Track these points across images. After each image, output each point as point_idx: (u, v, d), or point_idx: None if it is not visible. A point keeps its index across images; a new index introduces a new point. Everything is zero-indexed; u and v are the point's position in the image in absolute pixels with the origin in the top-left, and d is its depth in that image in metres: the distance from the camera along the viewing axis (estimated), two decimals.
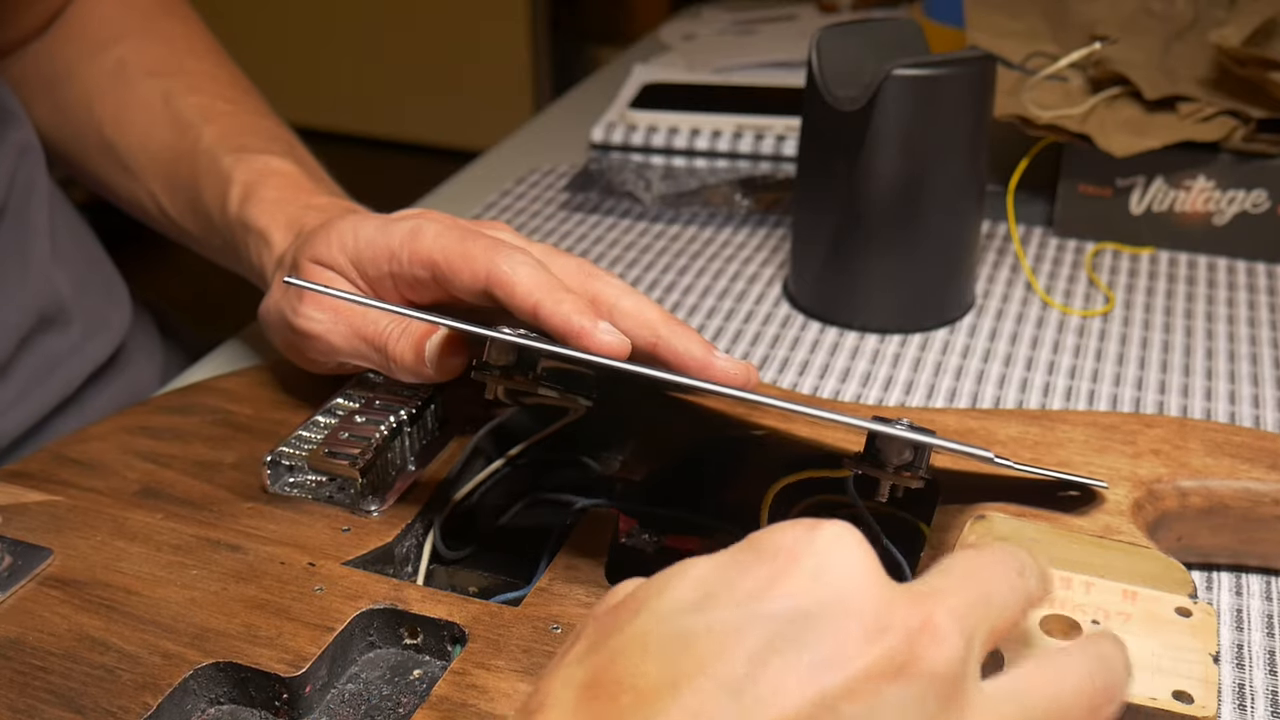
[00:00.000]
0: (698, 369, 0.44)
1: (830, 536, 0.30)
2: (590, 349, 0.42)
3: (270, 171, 0.55)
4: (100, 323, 0.64)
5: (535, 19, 2.71)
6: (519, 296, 0.43)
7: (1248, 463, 0.47)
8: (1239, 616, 0.46)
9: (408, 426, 0.48)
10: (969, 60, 0.61)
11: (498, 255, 0.44)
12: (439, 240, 0.45)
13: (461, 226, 0.46)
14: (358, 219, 0.48)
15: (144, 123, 0.61)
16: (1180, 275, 0.70)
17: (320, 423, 0.48)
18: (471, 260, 0.44)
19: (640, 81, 0.93)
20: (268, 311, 0.51)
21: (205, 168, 0.57)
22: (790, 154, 0.81)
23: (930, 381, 0.61)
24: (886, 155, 0.61)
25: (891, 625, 0.29)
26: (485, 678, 0.38)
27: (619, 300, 0.45)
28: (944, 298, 0.65)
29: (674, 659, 0.28)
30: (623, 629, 0.29)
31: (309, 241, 0.49)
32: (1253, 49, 0.70)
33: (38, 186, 0.61)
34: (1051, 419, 0.50)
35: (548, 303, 0.42)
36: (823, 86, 0.61)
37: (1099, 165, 0.71)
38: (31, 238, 0.60)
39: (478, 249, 0.44)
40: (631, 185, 0.78)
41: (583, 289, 0.46)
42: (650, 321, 0.45)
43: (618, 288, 0.46)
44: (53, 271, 0.61)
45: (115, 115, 0.61)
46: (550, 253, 0.47)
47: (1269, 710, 0.41)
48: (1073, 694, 0.32)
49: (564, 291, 0.43)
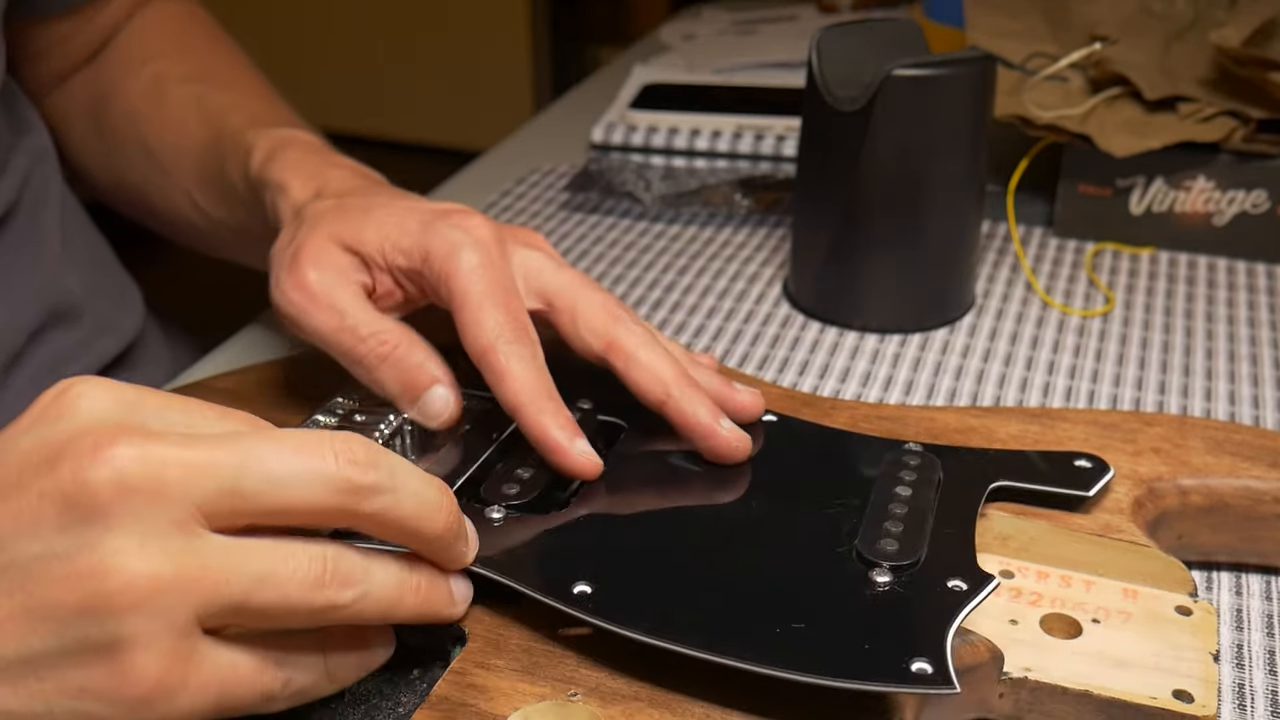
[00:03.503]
0: (702, 435, 0.45)
1: (77, 380, 0.33)
2: (562, 465, 0.44)
3: (291, 139, 0.56)
4: (110, 323, 0.65)
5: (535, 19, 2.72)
6: (506, 394, 0.44)
7: (1248, 461, 0.47)
8: (1239, 616, 0.46)
9: (408, 425, 0.48)
10: (969, 60, 0.61)
11: (500, 339, 0.45)
12: (465, 280, 0.46)
13: (493, 268, 0.46)
14: (403, 212, 0.48)
15: (179, 125, 0.63)
16: (1180, 275, 0.70)
17: (320, 422, 0.48)
18: (479, 330, 0.45)
19: (640, 82, 0.93)
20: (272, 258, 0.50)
21: (230, 148, 0.58)
22: (790, 154, 0.81)
23: (930, 381, 0.61)
24: (886, 155, 0.61)
25: (75, 451, 0.31)
26: (485, 678, 0.38)
27: (636, 351, 0.46)
28: (944, 297, 0.65)
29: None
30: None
31: (342, 218, 0.48)
32: (1253, 49, 0.70)
33: (50, 189, 0.63)
34: (1052, 417, 0.50)
35: (530, 410, 0.44)
36: (823, 86, 0.61)
37: (1099, 165, 0.71)
38: (44, 236, 0.62)
39: (490, 320, 0.45)
40: (631, 185, 0.78)
41: (604, 332, 0.46)
42: (664, 378, 0.46)
43: (638, 337, 0.46)
44: (64, 271, 0.62)
45: (154, 123, 0.64)
46: (581, 286, 0.48)
47: (1269, 710, 0.41)
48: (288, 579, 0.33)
49: (547, 400, 0.44)
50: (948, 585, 0.39)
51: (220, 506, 0.32)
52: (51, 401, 0.33)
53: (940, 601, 0.39)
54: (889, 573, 0.40)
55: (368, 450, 0.34)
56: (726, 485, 0.46)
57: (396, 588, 0.36)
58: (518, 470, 0.45)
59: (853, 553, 0.41)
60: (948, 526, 0.42)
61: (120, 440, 0.31)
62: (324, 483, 0.33)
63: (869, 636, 0.37)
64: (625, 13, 2.66)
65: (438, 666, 0.41)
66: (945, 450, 0.47)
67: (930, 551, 0.41)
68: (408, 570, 0.37)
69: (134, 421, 0.33)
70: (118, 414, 0.33)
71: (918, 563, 0.40)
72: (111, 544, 0.31)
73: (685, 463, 0.47)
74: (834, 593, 0.39)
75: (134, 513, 0.31)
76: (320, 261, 0.47)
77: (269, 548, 0.33)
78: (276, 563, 0.33)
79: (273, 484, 0.33)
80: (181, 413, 0.34)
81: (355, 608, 0.35)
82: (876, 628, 0.38)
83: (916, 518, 0.42)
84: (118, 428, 0.32)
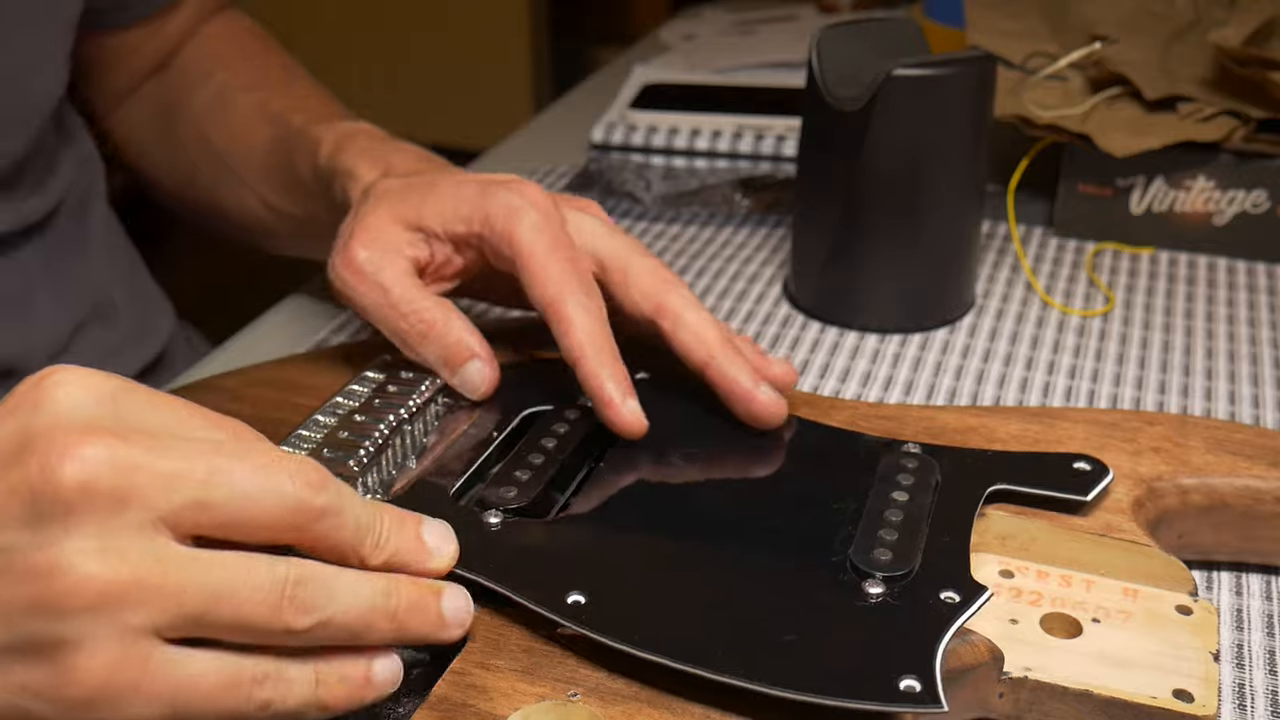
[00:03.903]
0: (741, 398, 0.47)
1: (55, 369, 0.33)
2: (611, 420, 0.46)
3: (356, 130, 0.59)
4: (146, 328, 0.69)
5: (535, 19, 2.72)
6: (570, 342, 0.47)
7: (1249, 460, 0.47)
8: (1239, 616, 0.46)
9: (409, 424, 0.48)
10: (969, 60, 0.61)
11: (566, 289, 0.47)
12: (529, 237, 0.48)
13: (553, 227, 0.48)
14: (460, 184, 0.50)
15: (245, 130, 0.66)
16: (1180, 275, 0.70)
17: (321, 421, 0.48)
18: (545, 281, 0.47)
19: (640, 82, 0.93)
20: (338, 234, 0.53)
21: (296, 143, 0.61)
22: (790, 154, 0.81)
23: (930, 381, 0.61)
24: (886, 155, 0.61)
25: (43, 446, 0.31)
26: (485, 678, 0.38)
27: (683, 313, 0.48)
28: (944, 297, 0.65)
29: None
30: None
31: (404, 195, 0.51)
32: (1253, 49, 0.70)
33: (93, 196, 0.67)
34: (1052, 416, 0.50)
35: (591, 361, 0.46)
36: (823, 86, 0.61)
37: (1099, 165, 0.71)
38: (88, 237, 0.65)
39: (555, 271, 0.47)
40: (631, 185, 0.78)
41: (654, 294, 0.49)
42: (707, 340, 0.48)
43: (685, 300, 0.49)
44: (105, 273, 0.66)
45: (222, 130, 0.67)
46: (634, 251, 0.50)
47: (1269, 710, 0.41)
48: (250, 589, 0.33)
49: (609, 355, 0.47)
50: (940, 597, 0.39)
51: (185, 517, 0.32)
52: (30, 389, 0.33)
53: (932, 615, 0.39)
54: (882, 584, 0.40)
55: (321, 474, 0.34)
56: (725, 490, 0.46)
57: (366, 612, 0.35)
58: (515, 473, 0.45)
59: (847, 562, 0.41)
60: (943, 534, 0.42)
61: (91, 440, 0.31)
62: (281, 502, 0.33)
63: (859, 651, 0.37)
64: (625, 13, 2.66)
65: (438, 667, 0.41)
66: (944, 451, 0.47)
67: (924, 560, 0.41)
68: (383, 594, 0.36)
69: (108, 420, 0.32)
70: (93, 410, 0.32)
71: (911, 573, 0.40)
72: (71, 544, 0.31)
73: (685, 464, 0.47)
74: (826, 605, 0.39)
75: (97, 515, 0.31)
76: (372, 240, 0.50)
77: (231, 562, 0.33)
78: (237, 579, 0.32)
79: (237, 498, 0.33)
80: (167, 412, 0.34)
81: (316, 633, 0.34)
82: (867, 642, 0.38)
83: (911, 525, 0.42)
84: (90, 426, 0.32)
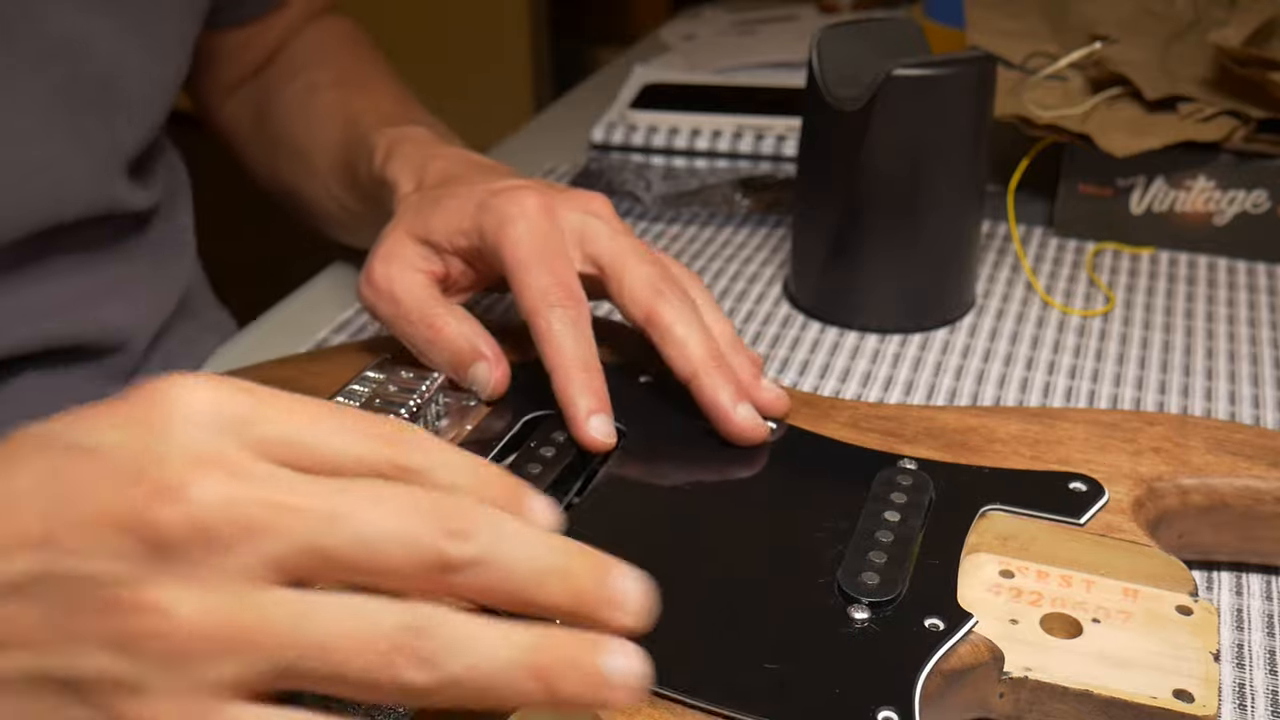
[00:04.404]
0: (719, 416, 0.48)
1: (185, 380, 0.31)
2: (575, 435, 0.47)
3: (406, 135, 0.61)
4: (213, 323, 0.73)
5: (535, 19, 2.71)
6: (546, 354, 0.48)
7: (1249, 460, 0.47)
8: (1239, 616, 0.46)
9: None
10: (969, 60, 0.61)
11: (544, 302, 0.48)
12: (514, 248, 0.49)
13: (540, 236, 0.49)
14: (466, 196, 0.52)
15: (323, 127, 0.69)
16: (1180, 275, 0.70)
17: None
18: (527, 293, 0.48)
19: (640, 82, 0.93)
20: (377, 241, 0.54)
21: (359, 149, 0.63)
22: (790, 154, 0.81)
23: (930, 381, 0.61)
24: (886, 155, 0.61)
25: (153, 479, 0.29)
26: None
27: (672, 327, 0.48)
28: (944, 297, 0.65)
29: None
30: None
31: (417, 211, 0.53)
32: (1253, 49, 0.70)
33: (183, 194, 0.71)
34: (1052, 416, 0.50)
35: (559, 374, 0.47)
36: (823, 86, 0.61)
37: (1099, 165, 0.72)
38: (180, 234, 0.70)
39: (536, 283, 0.48)
40: (631, 185, 0.78)
41: (645, 303, 0.49)
42: (692, 357, 0.48)
43: (676, 312, 0.49)
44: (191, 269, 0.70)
45: (303, 126, 0.70)
46: (630, 254, 0.50)
47: (1269, 710, 0.41)
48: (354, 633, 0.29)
49: (580, 368, 0.47)
50: (925, 624, 0.39)
51: (298, 562, 0.29)
52: (149, 401, 0.30)
53: (915, 643, 0.38)
54: (867, 609, 0.39)
55: (467, 517, 0.30)
56: (718, 506, 0.46)
57: (504, 669, 0.29)
58: None
59: (834, 585, 0.41)
60: (932, 556, 0.42)
61: (204, 476, 0.29)
62: (411, 553, 0.29)
63: (840, 680, 0.37)
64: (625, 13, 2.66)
65: None
66: (939, 468, 0.46)
67: (912, 585, 0.41)
68: (530, 648, 0.29)
69: (229, 447, 0.30)
70: (213, 435, 0.30)
71: (897, 598, 0.40)
72: (168, 584, 0.28)
73: (680, 477, 0.47)
74: (811, 630, 0.39)
75: (202, 557, 0.28)
76: (388, 256, 0.52)
77: (342, 609, 0.29)
78: (346, 629, 0.28)
79: (358, 545, 0.29)
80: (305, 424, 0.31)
81: (441, 692, 0.29)
82: (848, 671, 0.37)
83: (901, 547, 0.42)
84: (206, 458, 0.29)
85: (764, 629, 0.39)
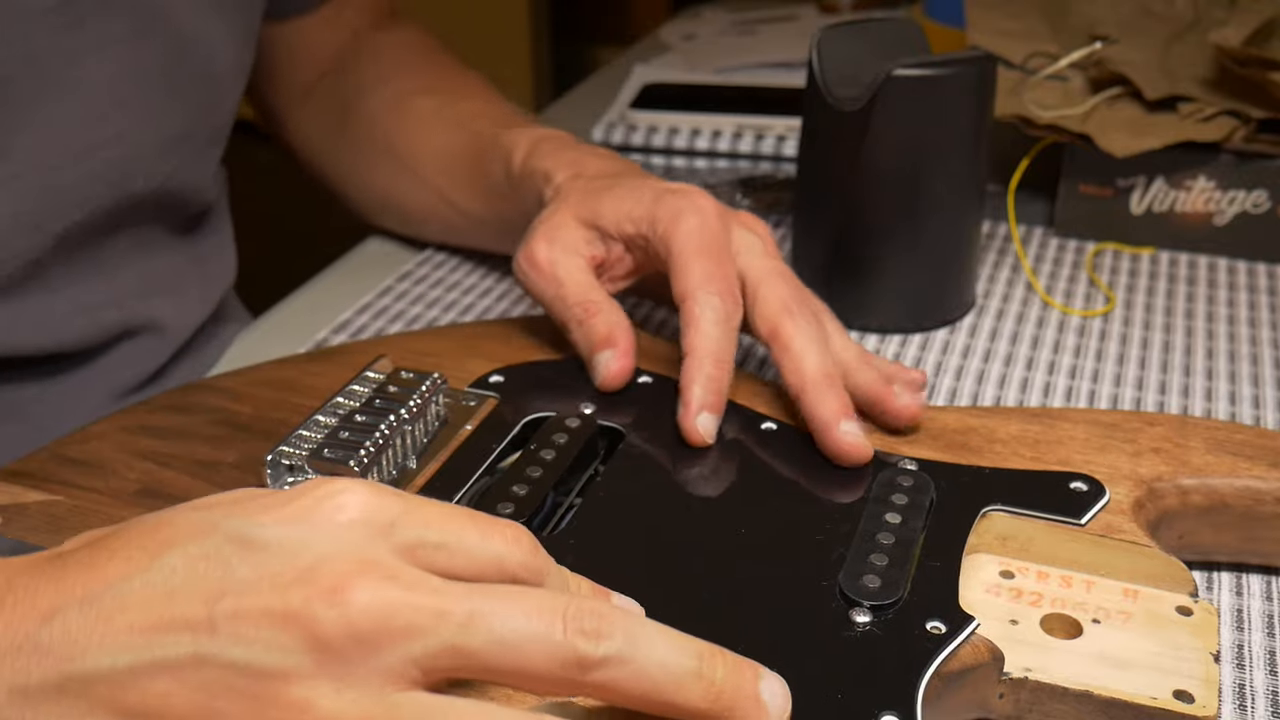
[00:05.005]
0: (818, 431, 0.48)
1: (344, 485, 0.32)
2: (680, 423, 0.48)
3: (547, 135, 0.63)
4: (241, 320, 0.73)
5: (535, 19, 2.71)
6: (689, 338, 0.49)
7: (1249, 461, 0.47)
8: (1239, 616, 0.46)
9: (409, 425, 0.48)
10: (969, 60, 0.61)
11: (702, 289, 0.49)
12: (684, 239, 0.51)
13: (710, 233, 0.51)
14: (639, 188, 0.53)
15: (423, 132, 0.70)
16: (1180, 275, 0.70)
17: (321, 422, 0.48)
18: (685, 277, 0.50)
19: (640, 81, 0.93)
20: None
21: (488, 149, 0.65)
22: (790, 154, 0.81)
23: (930, 381, 0.61)
24: (886, 155, 0.61)
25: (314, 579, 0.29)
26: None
27: (791, 342, 0.49)
28: (944, 297, 0.65)
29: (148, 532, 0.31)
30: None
31: (586, 196, 0.54)
32: (1253, 49, 0.70)
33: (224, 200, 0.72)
34: (1052, 417, 0.50)
35: (692, 361, 0.49)
36: (823, 86, 0.61)
37: (1099, 165, 0.71)
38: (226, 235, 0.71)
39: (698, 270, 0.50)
40: None
41: (772, 319, 0.50)
42: (801, 371, 0.48)
43: (800, 331, 0.49)
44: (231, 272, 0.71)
45: (400, 133, 0.71)
46: (772, 274, 0.51)
47: (1269, 710, 0.41)
48: None
49: (713, 363, 0.48)
50: (926, 627, 0.39)
51: (438, 662, 0.30)
52: (314, 503, 0.31)
53: (916, 646, 0.38)
54: (869, 612, 0.39)
55: (601, 619, 0.30)
56: (718, 508, 0.46)
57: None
58: (512, 487, 0.45)
59: (835, 589, 0.41)
60: (934, 558, 0.42)
61: (359, 582, 0.29)
62: (548, 651, 0.30)
63: (842, 684, 0.37)
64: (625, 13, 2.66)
65: None
66: (939, 468, 0.47)
67: (913, 587, 0.41)
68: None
69: (383, 553, 0.31)
70: (369, 543, 0.31)
71: (899, 601, 0.40)
72: (317, 683, 0.29)
73: (683, 479, 0.47)
74: (813, 634, 0.39)
75: (354, 656, 0.29)
76: (553, 237, 0.53)
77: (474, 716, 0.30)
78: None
79: (496, 645, 0.30)
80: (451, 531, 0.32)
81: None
82: (850, 675, 0.37)
83: (902, 549, 0.42)
84: (362, 565, 0.30)
85: (770, 635, 0.39)
